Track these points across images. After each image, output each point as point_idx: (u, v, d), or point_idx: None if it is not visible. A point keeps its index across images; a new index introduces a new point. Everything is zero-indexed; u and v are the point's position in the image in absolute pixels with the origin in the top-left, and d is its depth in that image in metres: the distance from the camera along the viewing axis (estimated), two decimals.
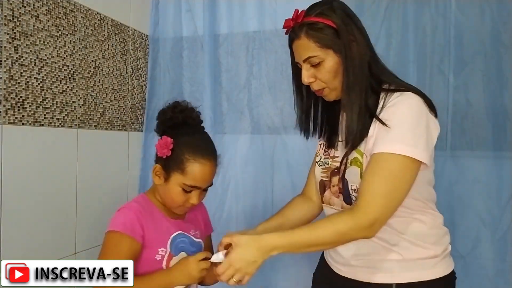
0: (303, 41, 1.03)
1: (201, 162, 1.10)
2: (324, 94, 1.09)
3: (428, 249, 1.04)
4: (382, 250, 1.04)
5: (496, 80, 1.64)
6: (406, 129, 0.96)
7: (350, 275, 1.09)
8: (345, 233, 0.95)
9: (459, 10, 1.69)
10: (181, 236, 1.17)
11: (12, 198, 1.41)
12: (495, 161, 1.64)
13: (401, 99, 1.00)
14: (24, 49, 1.46)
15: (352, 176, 1.03)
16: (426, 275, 1.02)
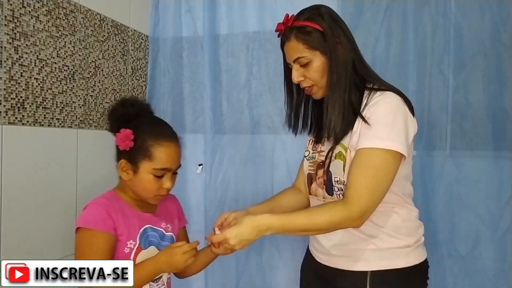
0: (293, 43, 1.13)
1: (166, 145, 1.13)
2: (312, 92, 1.17)
3: (401, 239, 1.12)
4: (360, 241, 1.11)
5: (496, 80, 1.64)
6: (386, 125, 1.04)
7: (330, 263, 1.17)
8: (338, 223, 1.02)
9: (459, 10, 1.69)
10: (151, 229, 1.17)
11: (12, 198, 1.41)
12: (495, 161, 1.64)
13: (382, 98, 1.08)
14: (24, 50, 1.46)
15: (336, 169, 1.11)
16: (399, 263, 1.10)
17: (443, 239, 1.70)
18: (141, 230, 1.15)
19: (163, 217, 1.23)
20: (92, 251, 1.07)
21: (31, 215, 1.49)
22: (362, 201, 1.01)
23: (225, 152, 2.06)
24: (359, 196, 1.01)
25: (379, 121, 1.04)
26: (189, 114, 2.13)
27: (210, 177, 2.06)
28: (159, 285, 1.20)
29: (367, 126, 1.05)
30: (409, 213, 1.17)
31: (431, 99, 1.73)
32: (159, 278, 1.19)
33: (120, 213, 1.13)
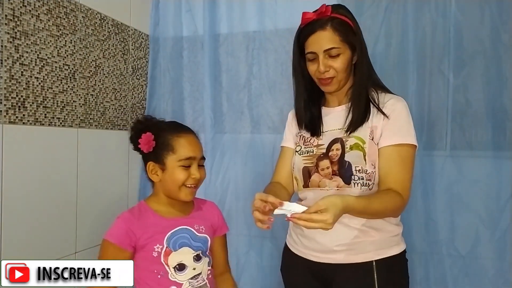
0: (329, 33, 1.18)
1: (184, 136, 1.23)
2: (331, 83, 1.22)
3: (394, 229, 1.22)
4: (361, 233, 1.18)
5: (495, 80, 1.64)
6: (410, 124, 1.19)
7: (332, 260, 1.20)
8: (396, 210, 1.15)
9: (459, 10, 1.69)
10: (181, 231, 1.22)
11: (12, 198, 1.41)
12: (495, 161, 1.65)
13: (398, 99, 1.22)
14: (24, 49, 1.46)
15: (356, 158, 1.17)
16: (395, 250, 1.20)
17: (443, 239, 1.70)
18: (168, 233, 1.20)
19: (196, 219, 1.27)
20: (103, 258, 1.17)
21: (31, 215, 1.49)
22: (408, 192, 1.15)
23: (225, 152, 2.06)
24: (406, 189, 1.14)
25: (405, 120, 1.18)
26: (189, 113, 2.13)
27: (210, 177, 2.06)
28: (199, 281, 1.23)
29: (391, 123, 1.17)
30: None
31: (431, 99, 1.73)
32: (199, 275, 1.22)
33: (144, 224, 1.20)
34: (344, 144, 1.20)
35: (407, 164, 1.16)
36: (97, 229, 1.83)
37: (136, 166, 2.13)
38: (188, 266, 1.20)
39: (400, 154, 1.16)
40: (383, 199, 1.12)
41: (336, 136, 1.23)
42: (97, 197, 1.83)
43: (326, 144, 1.24)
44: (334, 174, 1.20)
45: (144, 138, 1.22)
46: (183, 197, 1.22)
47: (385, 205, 1.10)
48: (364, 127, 1.20)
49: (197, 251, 1.22)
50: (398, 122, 1.18)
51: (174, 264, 1.18)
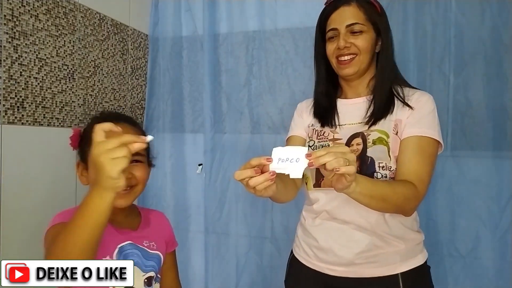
0: (353, 8, 1.13)
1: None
2: (351, 64, 1.14)
3: (417, 236, 1.14)
4: (382, 243, 1.08)
5: (496, 80, 1.64)
6: (435, 118, 1.11)
7: (353, 274, 1.09)
8: (409, 199, 1.02)
9: (459, 10, 1.69)
10: (131, 247, 1.01)
11: (12, 198, 1.40)
12: (495, 161, 1.64)
13: (423, 93, 1.14)
14: (23, 49, 1.46)
15: (379, 154, 1.08)
16: (420, 259, 1.12)
17: (444, 239, 1.70)
18: (118, 246, 0.99)
19: (145, 234, 1.06)
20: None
21: (31, 215, 1.49)
22: (425, 186, 1.05)
23: (225, 152, 2.05)
24: (422, 181, 1.04)
25: (429, 113, 1.10)
26: (188, 113, 2.13)
27: (210, 177, 2.05)
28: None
29: (414, 114, 1.10)
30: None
31: None
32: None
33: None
34: (366, 139, 1.10)
35: (427, 157, 1.06)
36: None
37: None
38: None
39: (419, 145, 1.07)
40: (392, 183, 1.04)
41: (357, 131, 1.13)
42: None
43: (345, 139, 1.14)
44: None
45: (73, 135, 1.01)
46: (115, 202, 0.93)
47: (394, 188, 0.99)
48: (388, 120, 1.11)
49: (148, 272, 1.02)
50: (421, 113, 1.10)
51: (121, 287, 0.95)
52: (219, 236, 2.04)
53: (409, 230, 1.11)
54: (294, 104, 1.94)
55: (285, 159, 0.84)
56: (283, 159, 0.84)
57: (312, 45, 1.90)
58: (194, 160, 2.12)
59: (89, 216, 0.77)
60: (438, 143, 1.10)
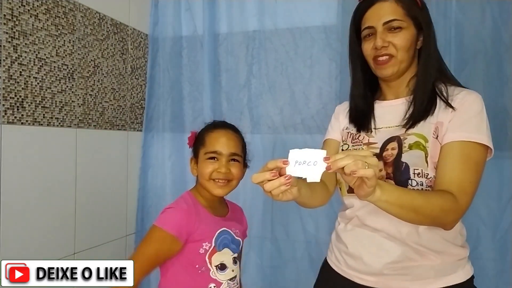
0: (391, 3, 1.04)
1: (216, 131, 1.26)
2: (389, 65, 1.06)
3: (460, 251, 1.03)
4: (416, 254, 1.00)
5: (496, 79, 1.64)
6: (482, 121, 0.99)
7: (381, 285, 1.03)
8: (447, 211, 0.92)
9: (459, 10, 1.69)
10: (225, 232, 1.23)
11: (11, 198, 1.40)
12: (495, 161, 1.62)
13: (469, 93, 1.02)
14: (23, 48, 1.45)
15: (416, 160, 0.99)
16: (458, 277, 1.02)
17: None
18: (217, 232, 1.20)
19: (233, 222, 1.28)
20: (155, 248, 1.15)
21: (31, 215, 1.48)
22: (468, 197, 0.95)
23: None
24: (465, 192, 0.93)
25: (475, 114, 0.98)
26: (188, 113, 2.13)
27: None
28: (235, 284, 1.25)
29: (458, 117, 0.98)
30: (461, 221, 1.07)
31: None
32: (235, 277, 1.24)
33: (198, 217, 1.19)
34: (402, 143, 1.01)
35: (471, 165, 0.95)
36: (96, 230, 1.82)
37: (135, 167, 2.12)
38: (228, 267, 1.21)
39: (463, 152, 0.95)
40: (427, 193, 0.94)
41: (393, 134, 1.05)
42: (96, 198, 1.82)
43: (381, 143, 1.06)
44: (388, 178, 1.01)
45: (190, 135, 1.31)
46: (212, 190, 1.21)
47: (428, 199, 0.90)
48: (427, 122, 1.01)
49: (234, 253, 1.24)
50: (466, 115, 0.98)
51: (217, 263, 1.19)
52: None
53: (450, 244, 1.01)
54: (294, 104, 1.95)
55: (302, 162, 0.80)
56: (300, 162, 0.80)
57: (312, 45, 1.92)
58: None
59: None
60: (487, 148, 0.98)
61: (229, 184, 1.23)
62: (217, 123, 1.31)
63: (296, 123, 1.95)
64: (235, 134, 1.28)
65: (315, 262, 1.88)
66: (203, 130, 1.29)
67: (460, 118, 0.98)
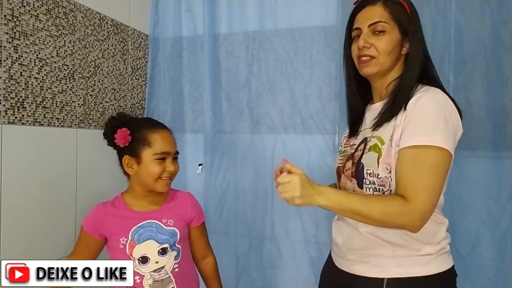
0: (378, 7, 1.10)
1: (160, 131, 1.30)
2: (369, 64, 1.11)
3: (422, 247, 1.06)
4: (378, 246, 1.07)
5: (496, 80, 1.64)
6: (433, 122, 0.99)
7: (346, 268, 1.14)
8: (392, 215, 0.97)
9: (459, 10, 1.69)
10: (148, 225, 1.28)
11: (12, 198, 1.40)
12: (495, 161, 1.64)
13: (427, 92, 1.04)
14: (23, 49, 1.46)
15: (369, 161, 1.06)
16: (417, 271, 1.04)
17: None
18: (134, 227, 1.27)
19: (165, 213, 1.32)
20: (78, 243, 1.34)
21: (31, 215, 1.49)
22: (422, 204, 0.96)
23: (225, 152, 2.05)
24: (417, 197, 0.96)
25: (426, 117, 1.00)
26: (189, 113, 2.13)
27: (210, 177, 2.06)
28: (162, 274, 1.28)
29: (413, 121, 1.00)
30: (435, 222, 1.11)
31: None
32: (162, 268, 1.28)
33: (113, 216, 1.29)
34: (366, 145, 1.10)
35: (426, 169, 0.97)
36: None
37: None
38: (151, 259, 1.26)
39: (416, 157, 0.98)
40: (370, 198, 1.00)
41: (366, 136, 1.13)
42: (96, 198, 1.82)
43: (357, 144, 1.15)
44: (352, 176, 1.12)
45: (120, 133, 1.28)
46: (159, 188, 1.29)
47: (367, 204, 0.97)
48: (389, 125, 1.06)
49: (163, 244, 1.27)
50: (418, 118, 1.00)
51: (138, 256, 1.26)
52: (219, 236, 2.04)
53: (413, 240, 1.05)
54: (294, 104, 1.95)
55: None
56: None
57: (312, 45, 1.92)
58: (194, 160, 2.12)
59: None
60: (448, 151, 0.99)
61: (171, 181, 1.33)
62: (152, 122, 1.35)
63: (296, 123, 1.95)
64: (171, 132, 1.35)
65: (315, 262, 1.88)
66: (140, 128, 1.30)
67: (412, 122, 1.00)
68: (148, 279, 1.26)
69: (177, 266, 1.30)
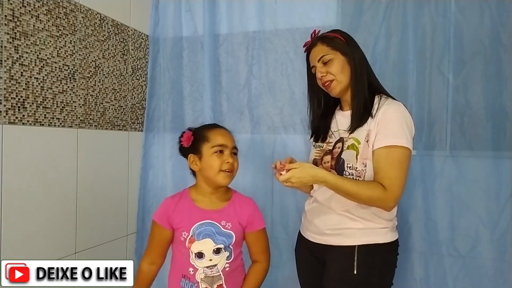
0: (318, 47, 1.39)
1: (217, 128, 1.42)
2: (332, 86, 1.38)
3: (383, 222, 1.35)
4: (349, 221, 1.34)
5: (495, 80, 1.64)
6: (402, 128, 1.29)
7: (323, 241, 1.39)
8: (374, 200, 1.27)
9: (458, 10, 1.69)
10: (207, 224, 1.35)
11: (12, 198, 1.41)
12: (494, 161, 1.65)
13: (394, 105, 1.32)
14: (24, 49, 1.46)
15: (349, 157, 1.33)
16: (379, 239, 1.33)
17: (443, 238, 1.71)
18: (196, 224, 1.34)
19: (225, 215, 1.38)
20: (151, 235, 1.40)
21: (31, 215, 1.49)
22: (396, 190, 1.26)
23: None
24: (392, 185, 1.25)
25: (395, 123, 1.28)
26: (189, 113, 2.13)
27: None
28: (213, 272, 1.36)
29: (384, 127, 1.29)
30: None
31: (430, 99, 1.73)
32: (214, 266, 1.36)
33: (180, 210, 1.37)
34: (344, 144, 1.36)
35: (397, 164, 1.27)
36: (97, 230, 1.83)
37: (136, 167, 2.13)
38: (206, 256, 1.34)
39: (389, 155, 1.27)
40: (359, 184, 1.28)
41: (341, 136, 1.39)
42: (96, 198, 1.83)
43: (334, 142, 1.41)
44: (331, 168, 1.37)
45: (184, 136, 1.41)
46: (221, 180, 1.35)
47: (358, 189, 1.26)
48: (362, 129, 1.33)
49: (219, 244, 1.34)
50: (389, 125, 1.28)
51: (195, 251, 1.34)
52: None
53: (376, 217, 1.33)
54: (294, 104, 1.96)
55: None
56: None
57: None
58: None
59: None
60: (407, 148, 1.27)
61: (232, 174, 1.38)
62: (211, 124, 1.49)
63: (295, 123, 1.95)
64: (229, 131, 1.46)
65: None
66: (201, 129, 1.42)
67: (382, 127, 1.29)
68: (201, 273, 1.34)
69: (228, 266, 1.37)
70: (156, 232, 1.39)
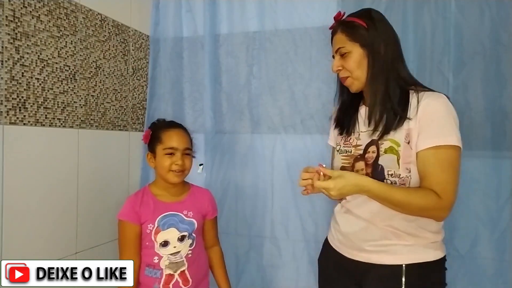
0: (338, 35, 1.27)
1: (171, 130, 1.49)
2: (347, 83, 1.27)
3: (431, 236, 1.19)
4: (394, 236, 1.18)
5: (495, 80, 1.64)
6: (450, 124, 1.12)
7: (364, 259, 1.22)
8: (428, 210, 1.11)
9: (458, 11, 1.69)
10: (170, 215, 1.46)
11: (13, 198, 1.41)
12: (494, 160, 1.65)
13: (435, 98, 1.16)
14: (25, 50, 1.47)
15: (389, 163, 1.16)
16: (429, 257, 1.17)
17: None
18: (160, 216, 1.44)
19: (186, 205, 1.50)
20: (123, 236, 1.44)
21: (32, 215, 1.50)
22: (451, 197, 1.10)
23: (225, 152, 2.06)
24: (446, 191, 1.09)
25: (440, 119, 1.12)
26: (189, 114, 2.14)
27: (210, 177, 2.06)
28: (177, 258, 1.46)
29: (428, 124, 1.12)
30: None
31: None
32: (178, 252, 1.45)
33: (143, 205, 1.46)
34: (379, 147, 1.19)
35: (447, 166, 1.11)
36: (97, 230, 1.84)
37: (136, 167, 2.14)
38: (171, 243, 1.44)
39: (438, 156, 1.11)
40: (410, 192, 1.11)
41: (372, 138, 1.22)
42: (97, 198, 1.83)
43: (364, 146, 1.24)
44: (369, 176, 1.18)
45: (145, 133, 1.54)
46: (170, 179, 1.45)
47: (409, 198, 1.09)
48: (401, 128, 1.16)
49: (183, 232, 1.46)
50: (434, 122, 1.12)
51: (161, 240, 1.43)
52: (219, 236, 2.05)
53: (423, 230, 1.17)
54: (294, 104, 1.96)
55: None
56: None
57: (311, 45, 1.92)
58: (194, 160, 2.11)
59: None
60: (458, 146, 1.12)
61: (183, 173, 1.48)
62: (169, 122, 1.55)
63: (296, 123, 1.96)
64: (186, 132, 1.53)
65: (314, 261, 1.88)
66: (157, 128, 1.51)
67: (426, 125, 1.13)
68: (165, 260, 1.43)
69: (191, 252, 1.48)
70: (126, 231, 1.43)
